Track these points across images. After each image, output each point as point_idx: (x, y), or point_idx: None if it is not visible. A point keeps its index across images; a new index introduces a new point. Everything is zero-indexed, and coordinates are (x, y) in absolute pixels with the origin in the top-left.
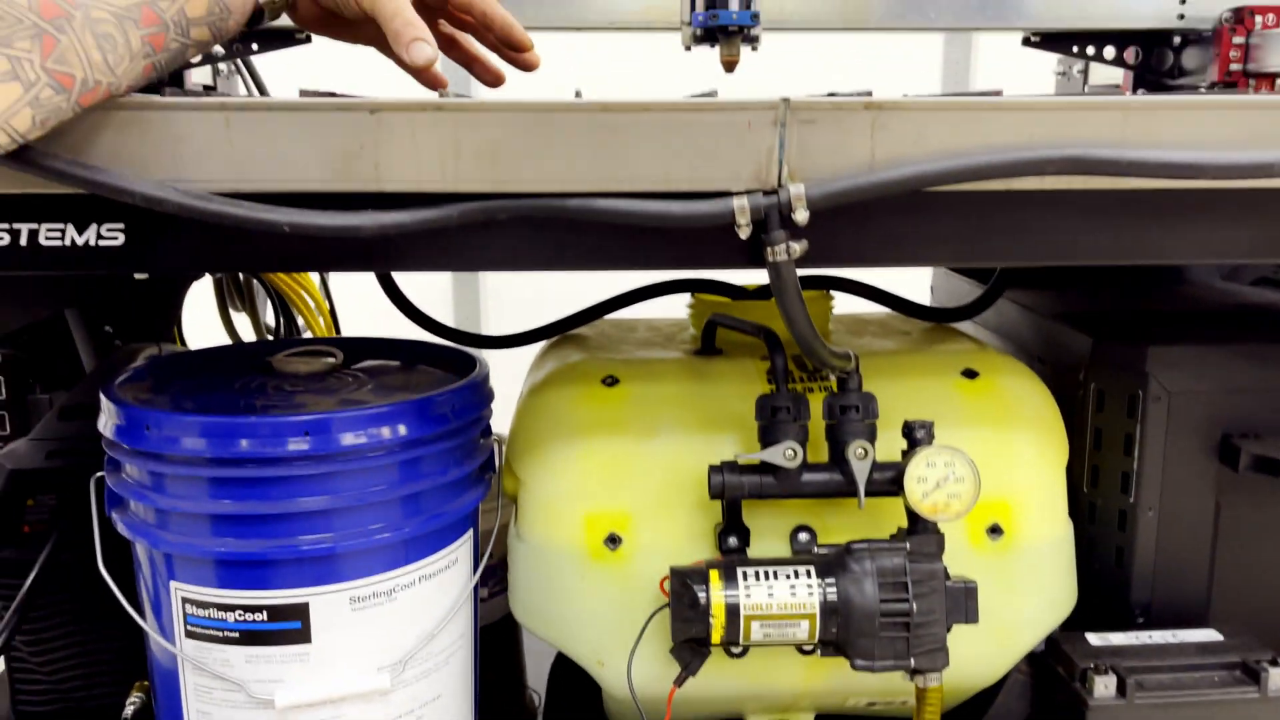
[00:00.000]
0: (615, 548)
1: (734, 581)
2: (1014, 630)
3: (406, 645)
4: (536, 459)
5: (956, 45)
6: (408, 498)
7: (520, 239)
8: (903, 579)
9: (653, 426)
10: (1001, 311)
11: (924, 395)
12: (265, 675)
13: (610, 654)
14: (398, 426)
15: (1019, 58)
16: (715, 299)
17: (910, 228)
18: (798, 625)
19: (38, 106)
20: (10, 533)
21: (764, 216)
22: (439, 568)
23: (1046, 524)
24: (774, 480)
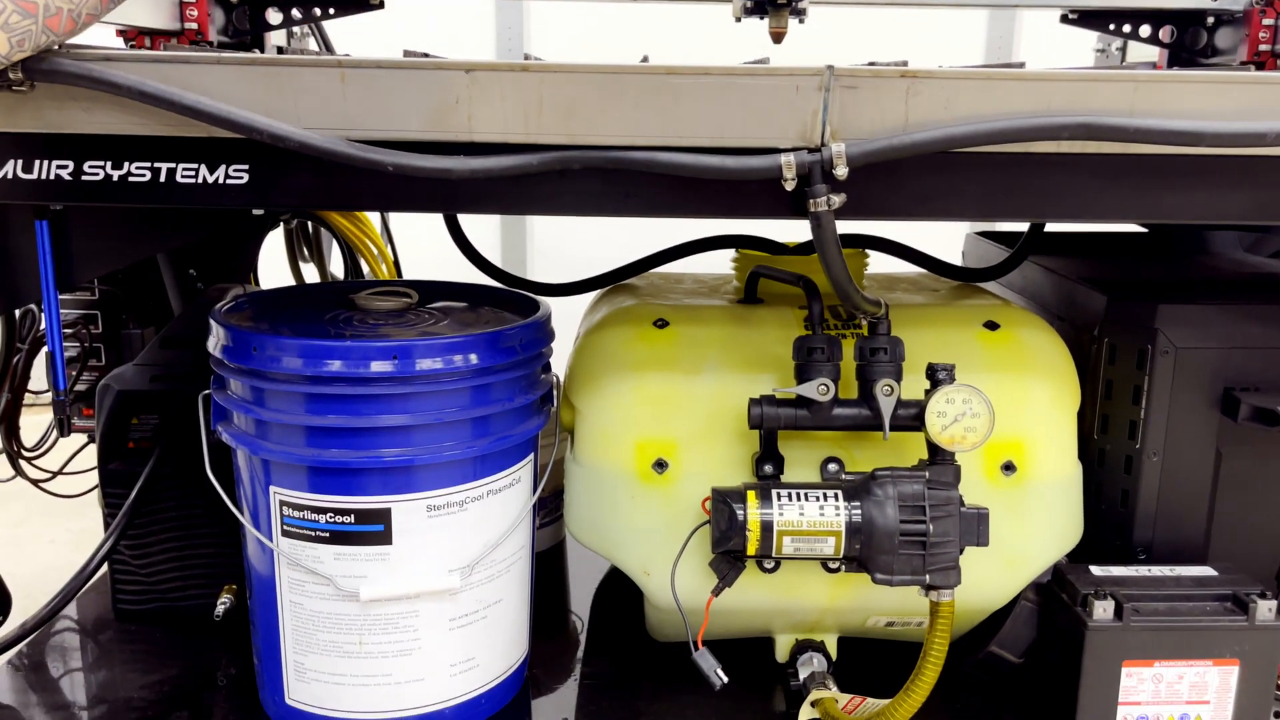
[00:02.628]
0: (662, 471)
1: (769, 501)
2: (1022, 558)
3: (475, 551)
4: (593, 391)
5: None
6: (478, 420)
7: (590, 187)
8: (921, 503)
9: (699, 365)
10: (1025, 274)
11: (948, 343)
12: (351, 571)
13: (656, 565)
14: (470, 355)
15: (1061, 36)
16: (757, 254)
17: (938, 186)
18: (825, 542)
19: (10, 30)
20: (118, 448)
21: (808, 171)
22: (504, 484)
23: (1056, 463)
24: (808, 413)
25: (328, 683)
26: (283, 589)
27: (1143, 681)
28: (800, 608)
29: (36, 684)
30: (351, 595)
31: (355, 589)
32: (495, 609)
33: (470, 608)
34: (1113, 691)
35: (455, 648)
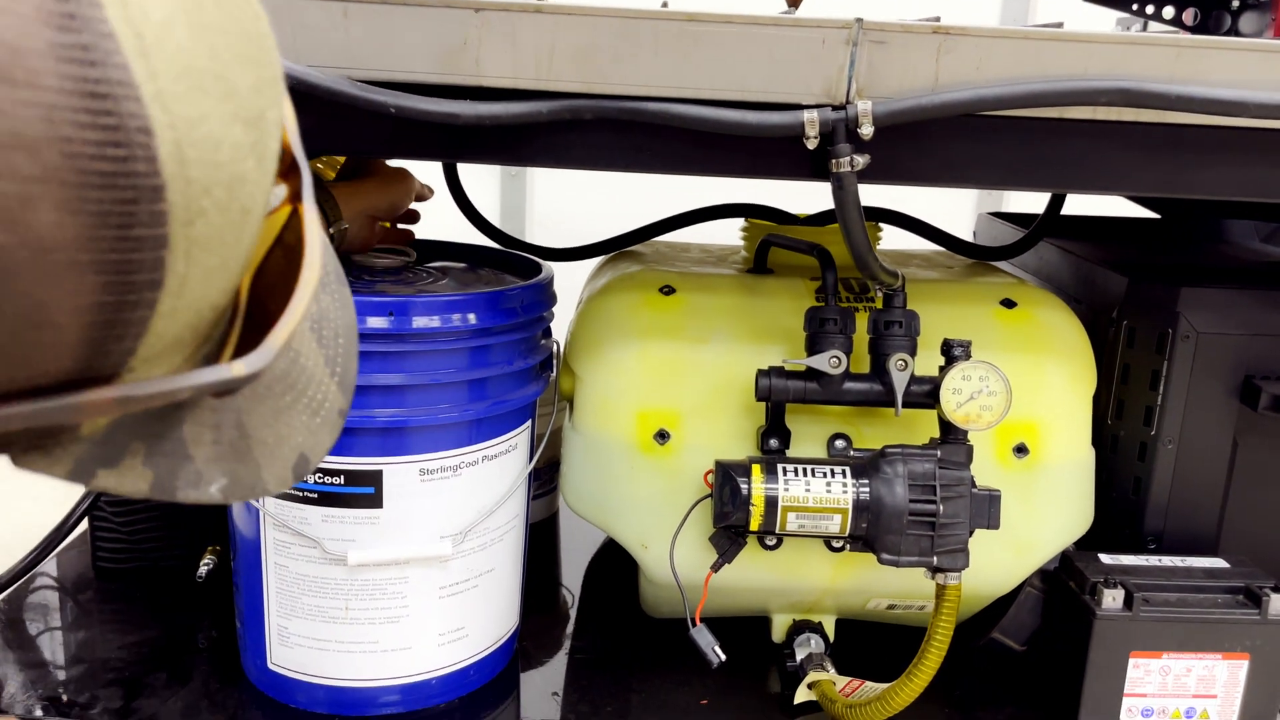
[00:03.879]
0: (664, 443)
1: (774, 475)
2: (1031, 543)
3: (468, 518)
4: (595, 358)
5: None
6: (475, 382)
7: (601, 139)
8: (931, 483)
9: (705, 334)
10: (1041, 255)
11: (963, 320)
12: (339, 535)
13: (654, 538)
14: (469, 315)
15: (1079, 14)
16: (767, 224)
17: (966, 150)
18: (830, 519)
19: None
20: None
21: (831, 130)
22: (500, 451)
23: (1070, 447)
24: (817, 386)
25: (312, 648)
26: (267, 551)
27: (1149, 673)
28: (800, 587)
29: (12, 641)
30: (339, 559)
31: (343, 553)
32: (487, 578)
33: (461, 576)
34: (1119, 682)
35: (444, 616)
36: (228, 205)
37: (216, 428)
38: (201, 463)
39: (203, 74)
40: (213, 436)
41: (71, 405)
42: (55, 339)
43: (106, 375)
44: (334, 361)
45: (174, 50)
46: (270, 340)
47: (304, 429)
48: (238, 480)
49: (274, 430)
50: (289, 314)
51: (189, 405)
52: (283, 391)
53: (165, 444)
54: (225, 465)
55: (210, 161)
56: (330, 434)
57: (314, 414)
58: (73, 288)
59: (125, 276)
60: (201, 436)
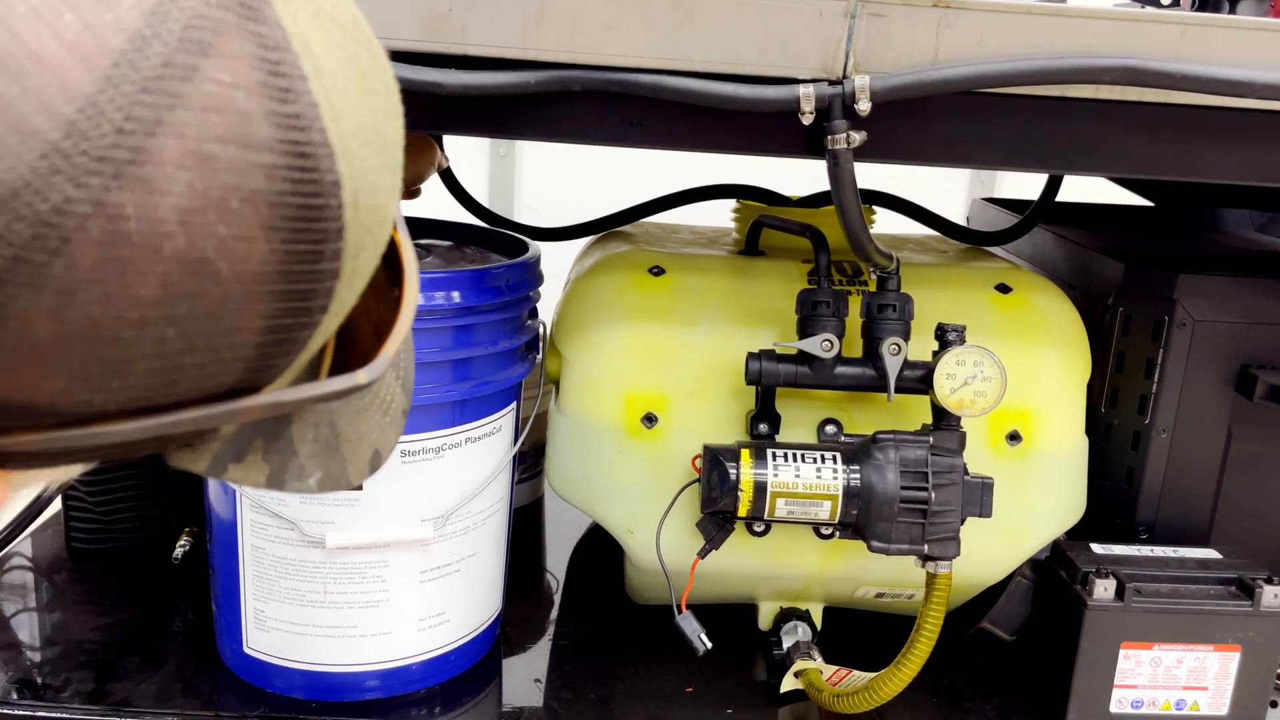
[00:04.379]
0: (651, 426)
1: (763, 461)
2: (1023, 532)
3: (450, 501)
4: (582, 339)
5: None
6: (459, 362)
7: (591, 112)
8: (923, 469)
9: (695, 316)
10: (1036, 241)
11: (957, 305)
12: (318, 516)
13: (640, 523)
14: (453, 293)
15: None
16: (759, 205)
17: (965, 129)
18: (820, 505)
19: None
20: None
21: (828, 105)
22: (484, 433)
23: (1063, 435)
24: (809, 370)
25: (289, 632)
26: (244, 532)
27: (1140, 664)
28: (788, 575)
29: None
30: (317, 541)
31: (321, 535)
32: (469, 563)
33: (443, 560)
34: (1109, 674)
35: (425, 601)
36: (379, 240)
37: (316, 427)
38: (304, 458)
39: (369, 132)
40: (313, 435)
41: (235, 410)
42: (237, 355)
43: (259, 386)
44: (398, 366)
45: (351, 113)
46: (385, 351)
47: (378, 428)
48: (329, 474)
49: (356, 429)
50: (399, 328)
51: (297, 411)
52: (362, 395)
53: (279, 442)
54: (321, 460)
55: (372, 205)
56: (397, 431)
57: (384, 414)
58: (262, 313)
59: (304, 303)
60: (305, 435)
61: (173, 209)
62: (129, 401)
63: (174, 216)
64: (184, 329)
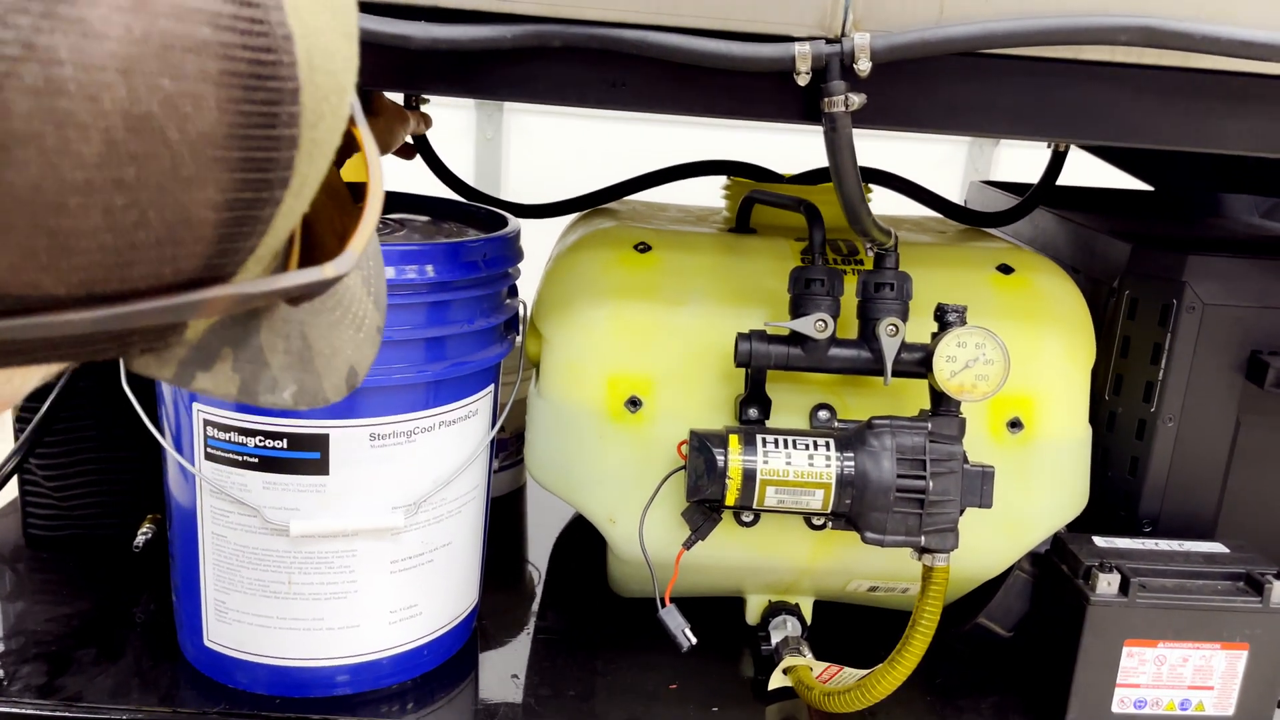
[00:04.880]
0: (635, 410)
1: (753, 447)
2: (1023, 523)
3: (422, 488)
4: (563, 318)
5: None
6: (433, 341)
7: (572, 71)
8: (921, 457)
9: (682, 295)
10: (1037, 222)
11: (957, 286)
12: (282, 503)
13: (623, 512)
14: (426, 266)
15: None
16: (750, 182)
17: (970, 94)
18: (812, 495)
19: None
20: None
21: (825, 65)
22: (459, 416)
23: (1066, 423)
24: (801, 352)
25: (252, 624)
26: (204, 519)
27: (1144, 663)
28: (777, 567)
29: None
30: (281, 529)
31: (285, 522)
32: (443, 553)
33: (415, 550)
34: (1111, 672)
35: (396, 592)
36: (337, 112)
37: (286, 338)
38: (277, 370)
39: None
40: (284, 346)
41: (198, 301)
42: (195, 235)
43: (223, 276)
44: (369, 281)
45: None
46: (353, 245)
47: (351, 343)
48: (304, 388)
49: (329, 343)
50: (365, 222)
51: (265, 315)
52: (333, 307)
53: (248, 351)
54: (295, 374)
55: (328, 70)
56: (371, 349)
57: (358, 329)
58: (217, 185)
59: (262, 175)
60: (275, 345)
61: (111, 55)
62: (81, 285)
63: (113, 64)
64: (134, 197)
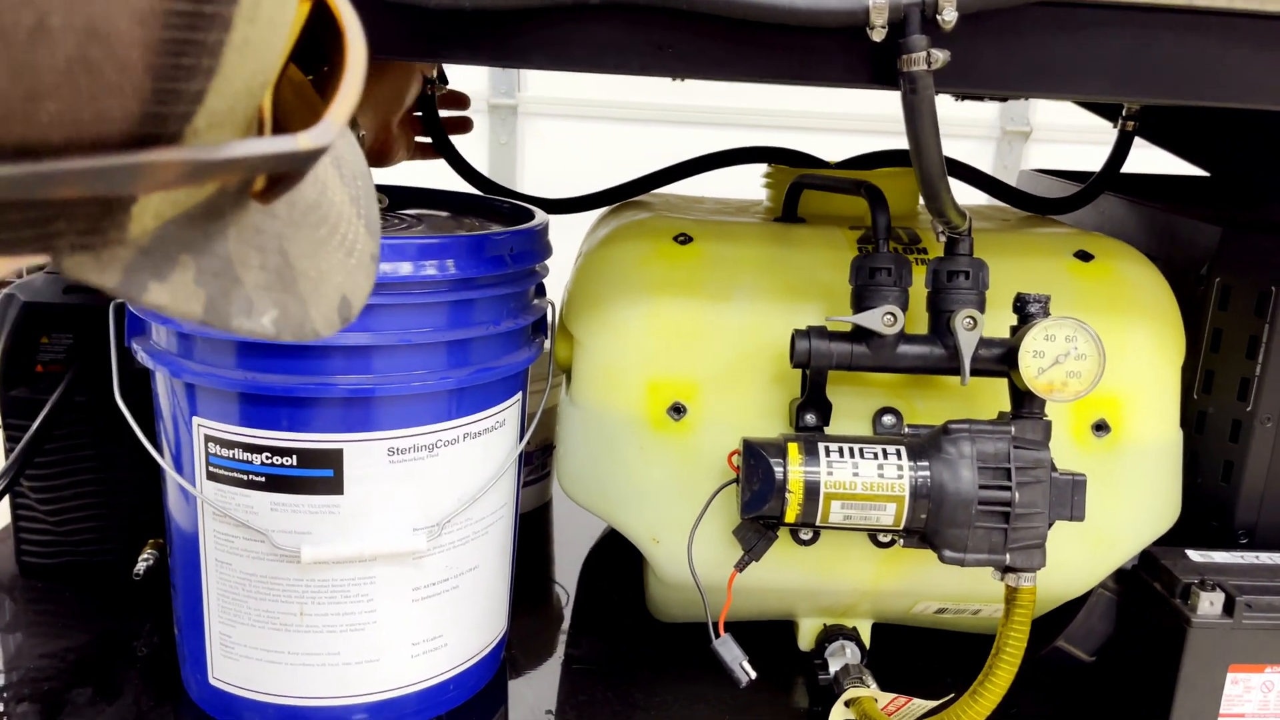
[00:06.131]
0: (679, 418)
1: (815, 456)
2: (1111, 538)
3: (445, 507)
4: (597, 318)
5: None
6: (455, 344)
7: (611, 33)
8: (1005, 465)
9: (728, 289)
10: (1103, 210)
11: (1031, 275)
12: (291, 526)
13: (667, 531)
14: (448, 262)
15: None
16: (794, 170)
17: (1065, 50)
18: (883, 509)
19: None
20: (23, 371)
21: (903, 18)
22: (485, 427)
23: (1157, 425)
24: (867, 350)
25: (260, 660)
26: (206, 545)
27: (1250, 690)
28: (837, 589)
29: None
30: (291, 555)
31: (296, 547)
32: (469, 578)
33: (438, 575)
34: (1214, 701)
35: (419, 623)
36: None
37: (262, 251)
38: (251, 289)
39: None
40: (259, 260)
41: (134, 165)
42: (120, 66)
43: (167, 136)
44: (358, 201)
45: None
46: (331, 115)
47: (341, 268)
48: (287, 313)
49: (314, 264)
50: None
51: (233, 216)
52: (317, 223)
53: (213, 261)
54: (274, 295)
55: None
56: (366, 278)
57: (348, 254)
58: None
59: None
60: (248, 259)
61: None
62: None
63: None
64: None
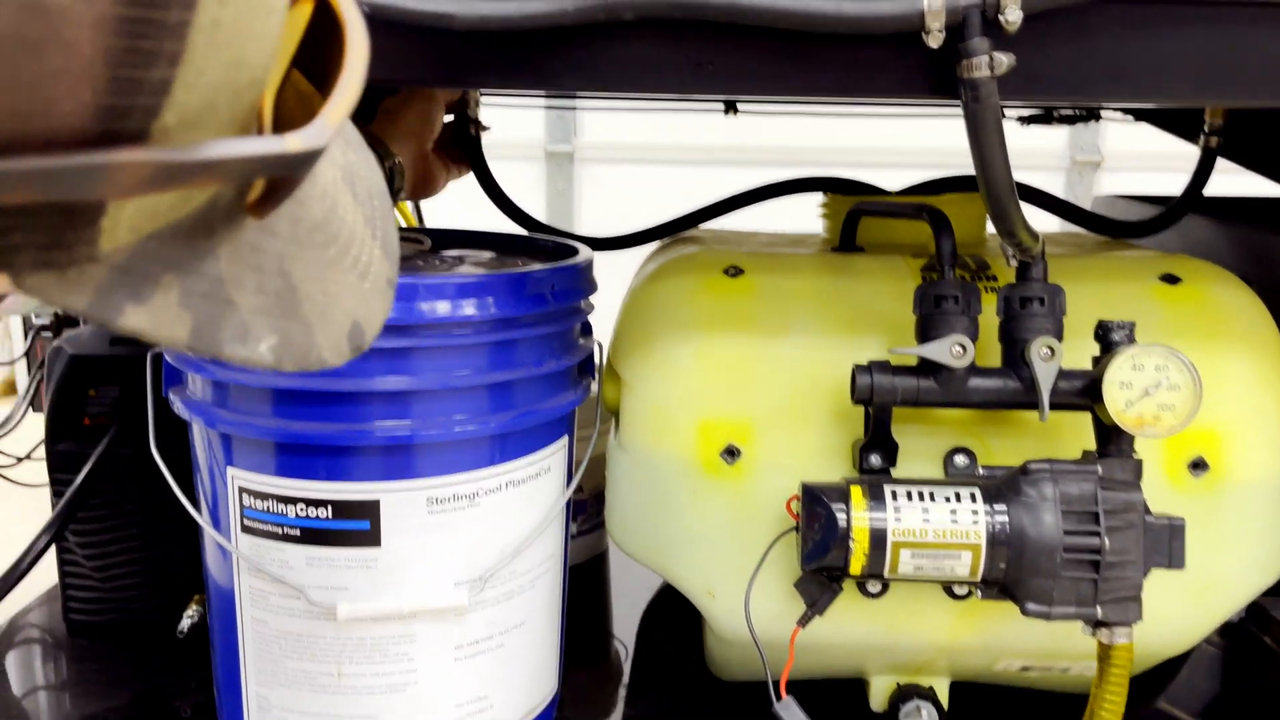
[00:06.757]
0: (733, 461)
1: (881, 501)
2: (1214, 588)
3: (488, 560)
4: (644, 356)
5: None
6: (497, 387)
7: (648, 51)
8: (1093, 508)
9: (783, 323)
10: (1186, 233)
11: (1114, 301)
12: (327, 581)
13: (723, 583)
14: (488, 300)
15: None
16: (851, 199)
17: (1142, 50)
18: (958, 558)
19: None
20: (70, 425)
21: (962, 20)
22: (529, 474)
23: (1261, 461)
24: (934, 384)
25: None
26: (242, 601)
27: None
28: (910, 645)
29: None
30: (328, 611)
31: (332, 603)
32: (515, 635)
33: (482, 632)
34: None
35: (462, 683)
36: None
37: (258, 271)
38: (247, 313)
39: None
40: (255, 282)
41: (96, 165)
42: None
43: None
44: (373, 222)
45: None
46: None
47: (353, 292)
48: (289, 340)
49: (321, 287)
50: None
51: (224, 233)
52: (325, 243)
53: (201, 282)
54: (274, 321)
55: None
56: (382, 304)
57: (362, 277)
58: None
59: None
60: (242, 280)
61: None
62: None
63: None
64: None
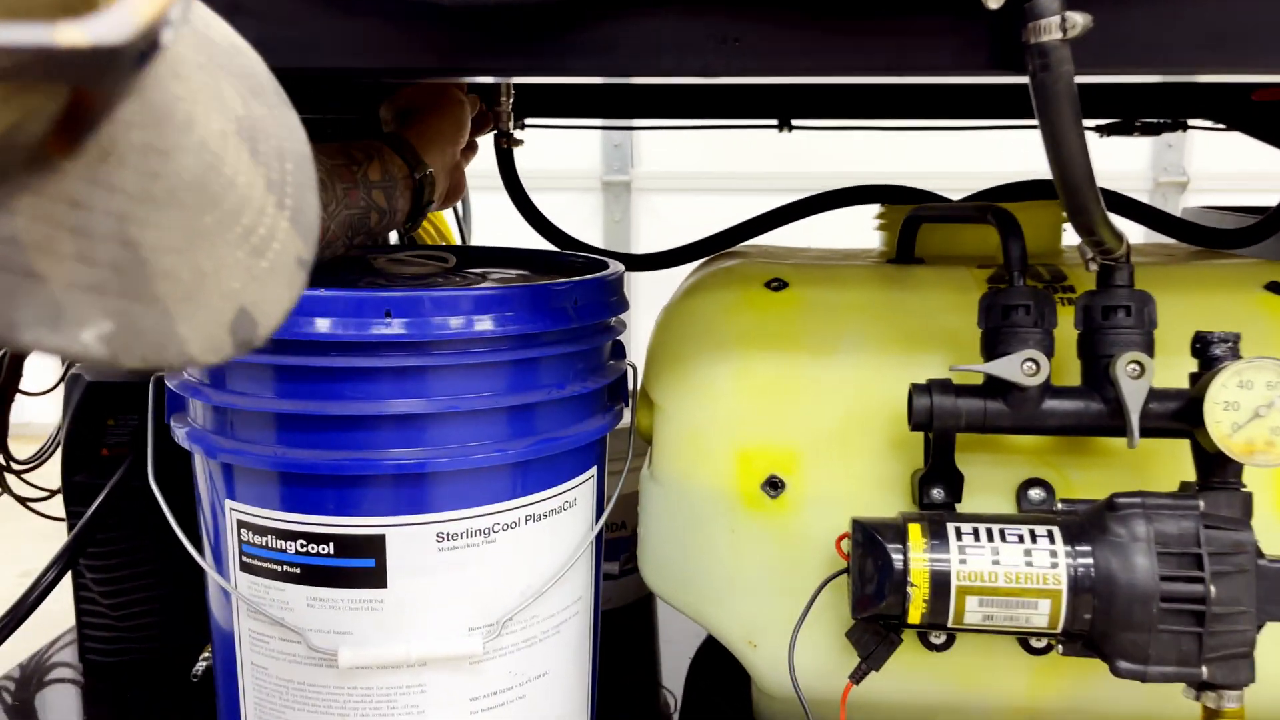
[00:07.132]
0: (777, 494)
1: (943, 541)
2: None
3: (507, 603)
4: (677, 379)
5: None
6: (516, 411)
7: (667, 26)
8: (1195, 550)
9: (832, 340)
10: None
11: (1212, 312)
12: (329, 624)
13: (765, 632)
14: (506, 314)
15: None
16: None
17: (1239, 12)
18: (1034, 606)
19: None
20: (87, 455)
21: None
22: (551, 508)
23: None
24: (1004, 406)
25: None
26: (242, 647)
27: None
28: (982, 705)
29: None
30: (329, 658)
31: (334, 649)
32: (538, 685)
33: (500, 683)
34: None
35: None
36: None
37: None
38: (61, 288)
39: None
40: (75, 247)
41: None
42: None
43: None
44: (280, 188)
45: None
46: None
47: (242, 271)
48: (132, 327)
49: (189, 261)
50: None
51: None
52: (200, 207)
53: None
54: (108, 301)
55: None
56: (285, 287)
57: (256, 254)
58: None
59: None
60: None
61: None
62: None
63: None
64: None
